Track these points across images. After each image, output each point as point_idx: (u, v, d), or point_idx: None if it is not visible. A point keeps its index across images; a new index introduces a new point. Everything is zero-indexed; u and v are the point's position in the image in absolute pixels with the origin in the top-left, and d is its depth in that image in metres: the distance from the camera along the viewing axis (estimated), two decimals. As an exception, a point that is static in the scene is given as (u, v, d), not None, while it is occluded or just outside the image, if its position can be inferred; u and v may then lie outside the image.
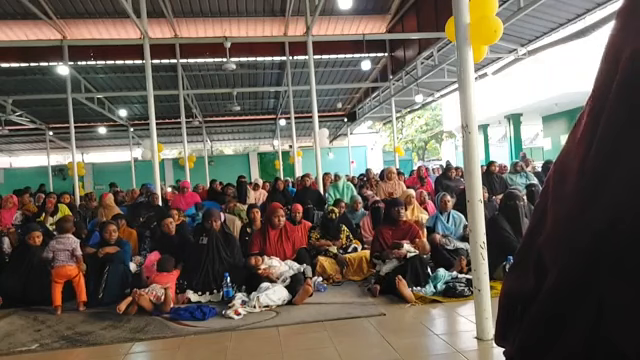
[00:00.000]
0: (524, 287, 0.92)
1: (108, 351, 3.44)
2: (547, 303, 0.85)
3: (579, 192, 0.82)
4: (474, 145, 3.20)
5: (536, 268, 0.89)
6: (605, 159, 0.77)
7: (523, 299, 0.91)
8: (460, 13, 3.21)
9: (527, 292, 0.90)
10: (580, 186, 0.81)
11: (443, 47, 10.63)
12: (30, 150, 23.41)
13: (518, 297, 0.94)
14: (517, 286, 0.96)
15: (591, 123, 0.82)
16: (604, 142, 0.77)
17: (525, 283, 0.92)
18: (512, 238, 4.81)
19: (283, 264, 4.89)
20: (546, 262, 0.86)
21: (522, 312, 0.92)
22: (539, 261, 0.88)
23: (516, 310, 0.94)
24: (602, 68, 0.82)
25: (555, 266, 0.84)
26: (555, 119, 17.69)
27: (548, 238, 0.87)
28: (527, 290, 0.90)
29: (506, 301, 1.00)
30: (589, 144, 0.80)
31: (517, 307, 0.94)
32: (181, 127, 13.35)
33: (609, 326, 0.76)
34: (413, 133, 34.94)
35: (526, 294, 0.90)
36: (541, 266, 0.88)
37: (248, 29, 11.74)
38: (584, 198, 0.80)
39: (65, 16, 10.55)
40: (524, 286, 0.92)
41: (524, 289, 0.91)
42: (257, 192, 9.24)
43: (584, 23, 8.58)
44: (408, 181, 9.49)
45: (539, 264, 0.88)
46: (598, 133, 0.79)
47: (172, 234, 5.51)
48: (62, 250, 4.57)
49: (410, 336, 3.42)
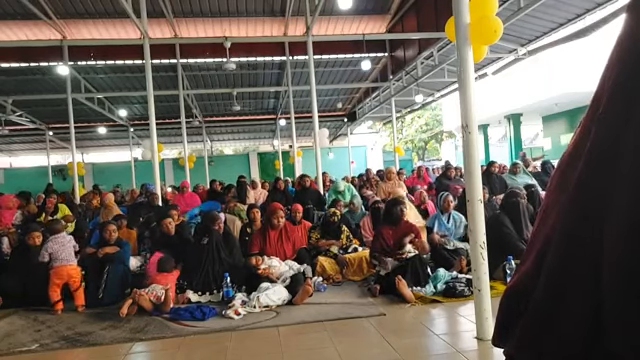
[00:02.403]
0: (527, 283, 0.91)
1: (108, 351, 3.44)
2: (544, 299, 0.85)
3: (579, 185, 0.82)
4: (474, 145, 3.20)
5: (539, 261, 0.89)
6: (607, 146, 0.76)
7: (525, 295, 0.91)
8: (460, 13, 3.21)
9: (528, 289, 0.90)
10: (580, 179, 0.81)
11: (443, 47, 10.63)
12: (30, 150, 23.41)
13: (520, 294, 0.94)
14: (519, 282, 0.96)
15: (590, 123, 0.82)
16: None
17: (527, 279, 0.91)
18: (513, 235, 4.82)
19: (283, 264, 4.90)
20: (549, 257, 0.86)
21: (523, 309, 0.91)
22: (543, 256, 0.88)
23: (518, 307, 0.94)
24: (616, 62, 0.81)
25: (555, 257, 0.83)
26: (555, 119, 17.69)
27: (553, 229, 0.87)
28: (528, 287, 0.90)
29: (507, 299, 1.00)
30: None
31: (519, 305, 0.94)
32: (181, 127, 13.35)
33: (607, 326, 0.76)
34: (413, 133, 34.94)
35: (528, 290, 0.90)
36: (543, 259, 0.87)
37: (248, 29, 11.74)
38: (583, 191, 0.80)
39: (65, 16, 10.55)
40: (526, 282, 0.91)
41: (526, 285, 0.91)
42: (257, 192, 9.24)
43: (584, 23, 8.58)
44: (408, 181, 9.49)
45: (542, 258, 0.88)
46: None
47: (172, 234, 5.51)
48: (62, 249, 4.56)
49: (410, 336, 3.42)
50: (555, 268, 0.84)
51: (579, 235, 0.81)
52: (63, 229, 4.82)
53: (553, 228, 0.87)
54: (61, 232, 4.73)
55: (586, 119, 0.88)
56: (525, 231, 4.90)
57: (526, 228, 4.93)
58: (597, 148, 0.81)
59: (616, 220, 0.75)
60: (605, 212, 0.77)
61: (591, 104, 0.88)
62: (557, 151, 16.98)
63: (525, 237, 4.85)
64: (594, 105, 0.86)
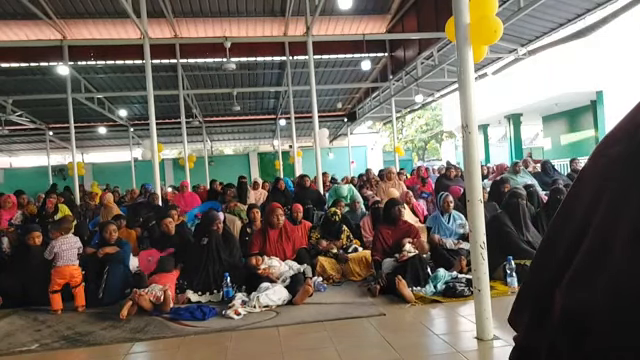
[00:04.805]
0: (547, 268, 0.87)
1: (108, 351, 3.44)
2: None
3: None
4: (474, 145, 3.20)
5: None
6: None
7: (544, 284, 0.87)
8: (460, 13, 3.21)
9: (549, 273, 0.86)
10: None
11: (443, 47, 10.63)
12: (30, 150, 23.41)
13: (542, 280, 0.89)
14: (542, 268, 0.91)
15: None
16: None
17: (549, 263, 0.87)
18: (514, 233, 4.82)
19: (283, 264, 4.90)
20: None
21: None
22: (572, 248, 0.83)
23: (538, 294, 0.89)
24: None
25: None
26: (555, 119, 17.69)
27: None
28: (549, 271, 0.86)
29: (527, 283, 0.94)
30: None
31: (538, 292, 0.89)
32: (181, 127, 13.34)
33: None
34: (413, 133, 34.97)
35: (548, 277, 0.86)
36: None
37: (248, 29, 11.74)
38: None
39: (65, 16, 10.54)
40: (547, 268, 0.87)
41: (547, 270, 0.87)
42: (257, 192, 9.24)
43: (584, 23, 8.58)
44: (408, 181, 9.49)
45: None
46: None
47: (171, 234, 5.50)
48: (68, 249, 4.56)
49: (410, 336, 3.42)
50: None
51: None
52: (71, 229, 4.81)
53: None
54: (70, 231, 4.73)
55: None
56: (525, 232, 4.90)
57: (526, 228, 4.93)
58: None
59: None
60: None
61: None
62: (557, 151, 16.98)
63: (525, 238, 4.85)
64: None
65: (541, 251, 0.92)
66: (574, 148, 15.90)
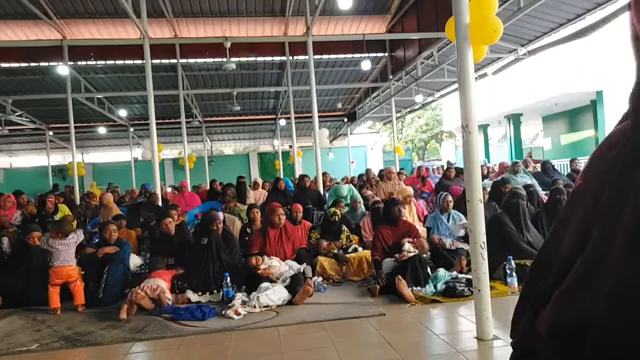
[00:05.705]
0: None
1: (108, 351, 3.44)
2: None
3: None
4: (474, 145, 3.20)
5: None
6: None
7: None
8: (460, 13, 3.21)
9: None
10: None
11: (443, 47, 10.63)
12: (30, 150, 23.41)
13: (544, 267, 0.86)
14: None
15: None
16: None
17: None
18: (514, 233, 4.82)
19: (283, 264, 4.90)
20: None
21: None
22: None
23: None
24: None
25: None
26: (555, 119, 17.69)
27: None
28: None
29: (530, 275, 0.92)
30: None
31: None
32: (181, 127, 13.35)
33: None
34: (413, 133, 34.96)
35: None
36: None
37: (248, 29, 11.74)
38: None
39: (65, 16, 10.54)
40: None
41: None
42: (257, 192, 9.23)
43: (584, 23, 8.57)
44: (408, 181, 9.49)
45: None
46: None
47: (171, 234, 5.50)
48: (65, 250, 4.56)
49: (410, 336, 3.42)
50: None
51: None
52: (70, 231, 4.80)
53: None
54: (69, 234, 4.72)
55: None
56: (525, 232, 4.90)
57: (526, 229, 4.93)
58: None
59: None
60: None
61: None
62: (557, 151, 16.98)
63: (525, 238, 4.85)
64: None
65: (539, 257, 0.91)
66: (574, 148, 15.91)
